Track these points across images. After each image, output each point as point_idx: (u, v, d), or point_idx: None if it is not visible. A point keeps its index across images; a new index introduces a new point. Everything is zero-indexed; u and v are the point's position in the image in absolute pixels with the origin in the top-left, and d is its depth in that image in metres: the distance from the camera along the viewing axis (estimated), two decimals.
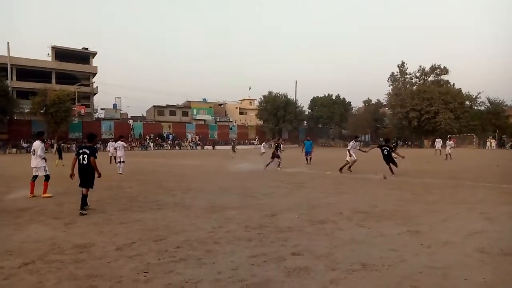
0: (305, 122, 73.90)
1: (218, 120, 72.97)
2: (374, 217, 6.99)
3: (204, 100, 74.47)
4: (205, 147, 60.35)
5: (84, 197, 7.76)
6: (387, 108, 69.19)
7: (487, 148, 50.47)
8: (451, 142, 27.89)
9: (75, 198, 8.96)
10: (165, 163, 24.94)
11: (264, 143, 28.87)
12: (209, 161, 26.97)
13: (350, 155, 16.13)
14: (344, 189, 11.07)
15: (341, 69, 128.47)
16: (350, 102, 73.32)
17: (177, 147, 58.11)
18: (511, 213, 7.23)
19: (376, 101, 73.77)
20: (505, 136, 54.73)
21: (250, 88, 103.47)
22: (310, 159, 22.41)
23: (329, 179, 14.01)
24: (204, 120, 70.71)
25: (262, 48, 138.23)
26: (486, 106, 60.68)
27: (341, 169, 16.12)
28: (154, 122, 65.17)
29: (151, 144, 56.66)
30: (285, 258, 4.59)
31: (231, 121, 74.10)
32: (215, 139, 65.98)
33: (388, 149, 14.53)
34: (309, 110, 73.39)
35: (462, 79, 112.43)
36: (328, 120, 70.41)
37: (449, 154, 25.62)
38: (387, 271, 4.07)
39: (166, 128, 63.17)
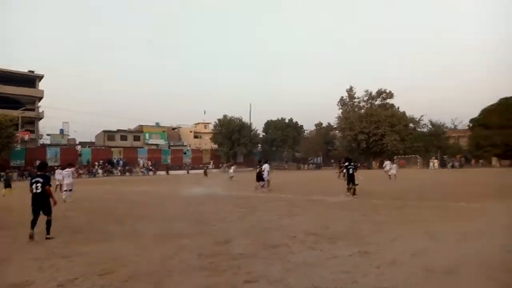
0: (259, 145, 74.60)
1: (171, 144, 71.74)
2: (326, 238, 7.09)
3: (157, 124, 73.14)
4: (158, 172, 58.81)
5: (48, 222, 7.88)
6: (337, 131, 71.59)
7: (430, 168, 53.42)
8: (394, 164, 30.01)
9: (9, 232, 8.32)
10: (114, 190, 23.97)
11: (233, 167, 28.24)
12: (162, 186, 26.29)
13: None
14: (298, 211, 11.18)
15: (294, 93, 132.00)
16: (303, 126, 75.30)
17: (128, 173, 56.11)
18: (452, 230, 7.61)
19: (327, 124, 76.28)
20: (446, 156, 58.35)
21: (205, 112, 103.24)
22: (268, 181, 22.56)
23: (283, 201, 14.10)
24: (157, 145, 69.21)
25: (217, 71, 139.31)
26: (428, 128, 64.51)
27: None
28: (103, 147, 62.76)
29: (100, 171, 54.33)
30: (237, 286, 4.50)
31: (185, 145, 73.13)
32: (169, 164, 64.60)
33: (353, 167, 14.70)
34: (264, 133, 74.34)
35: (405, 102, 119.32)
36: (281, 143, 71.59)
37: (394, 175, 27.03)
38: None
39: (116, 153, 60.96)
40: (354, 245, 6.47)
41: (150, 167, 60.09)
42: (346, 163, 15.17)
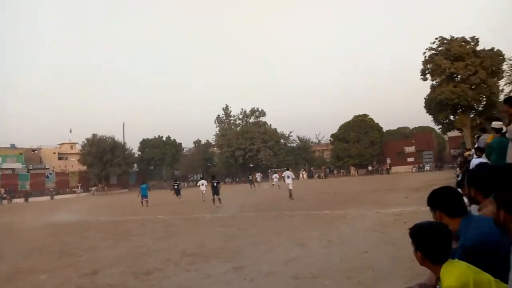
0: (135, 165, 71.09)
1: (31, 168, 63.33)
2: (202, 258, 6.96)
3: (13, 145, 63.92)
4: (14, 200, 51.13)
5: None
6: (215, 148, 72.74)
7: (300, 179, 57.93)
8: (277, 175, 32.55)
9: None
10: None
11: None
12: (18, 216, 22.81)
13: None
14: (174, 232, 10.83)
15: (169, 110, 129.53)
16: (181, 143, 74.53)
17: None
18: (318, 237, 8.23)
19: (206, 141, 76.90)
20: (312, 168, 64.15)
21: (71, 130, 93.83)
22: (147, 202, 22.84)
23: (160, 223, 13.53)
24: (13, 169, 60.39)
25: (83, 88, 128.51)
26: (297, 143, 70.17)
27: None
28: None
29: None
30: None
31: (48, 168, 65.35)
32: (28, 190, 56.81)
33: (217, 182, 19.05)
34: (139, 153, 71.19)
35: (278, 119, 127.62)
36: (159, 161, 69.56)
37: (278, 185, 29.51)
38: None
39: None
40: (229, 261, 6.48)
41: (4, 195, 51.94)
42: (212, 179, 19.74)
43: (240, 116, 72.23)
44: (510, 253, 1.57)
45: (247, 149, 62.76)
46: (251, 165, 63.22)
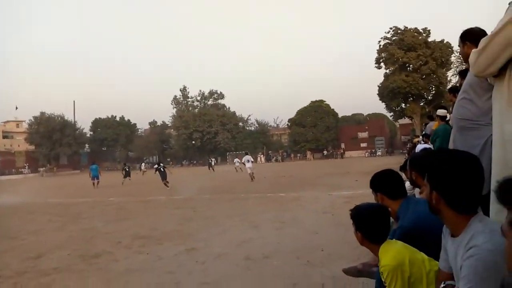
0: (87, 145, 68.37)
1: None
2: (154, 240, 6.86)
3: None
4: None
5: None
6: (172, 130, 71.44)
7: (258, 162, 58.47)
8: (238, 159, 33.23)
9: None
10: None
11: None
12: None
13: None
14: (126, 215, 10.57)
15: (124, 89, 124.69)
16: (136, 124, 72.45)
17: None
18: (272, 218, 8.37)
19: (162, 123, 75.24)
20: (270, 151, 64.87)
21: (16, 108, 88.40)
22: (98, 183, 22.51)
23: (111, 205, 13.16)
24: None
25: (29, 63, 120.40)
26: (255, 127, 70.45)
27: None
28: None
29: None
30: None
31: None
32: None
33: (163, 166, 19.28)
34: (91, 132, 68.46)
35: (235, 102, 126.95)
36: (113, 142, 67.37)
37: (240, 168, 30.30)
38: None
39: None
40: (181, 243, 6.43)
41: None
42: (157, 165, 20.03)
43: (198, 98, 71.26)
44: (442, 233, 1.66)
45: (205, 132, 62.21)
46: (209, 148, 62.85)
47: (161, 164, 19.67)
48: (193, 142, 62.36)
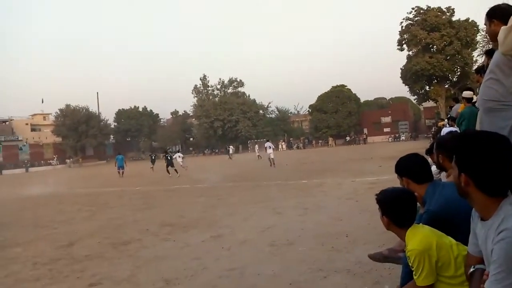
0: (112, 136, 69.82)
1: (3, 139, 61.30)
2: (180, 228, 7.02)
3: None
4: None
5: None
6: (194, 119, 71.98)
7: (279, 150, 58.44)
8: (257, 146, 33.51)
9: None
10: None
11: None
12: None
13: None
14: (153, 203, 10.83)
15: (145, 80, 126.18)
16: (158, 114, 73.36)
17: None
18: (295, 205, 8.40)
19: (183, 112, 75.86)
20: (292, 139, 64.63)
21: (42, 100, 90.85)
22: (123, 172, 23.31)
23: (138, 194, 13.49)
24: None
25: (54, 56, 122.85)
26: (275, 114, 70.16)
27: None
28: None
29: None
30: None
31: (21, 140, 63.45)
32: (0, 162, 55.29)
33: (170, 156, 21.10)
34: (116, 123, 69.82)
35: (255, 90, 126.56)
36: (137, 133, 68.54)
37: (260, 156, 30.23)
38: (189, 282, 4.09)
39: None
40: (207, 230, 6.56)
41: None
42: (166, 154, 21.98)
43: (218, 86, 71.22)
44: (471, 217, 1.64)
45: (225, 120, 62.37)
46: (230, 136, 63.12)
47: (168, 154, 21.77)
48: (215, 130, 62.72)
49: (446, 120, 12.08)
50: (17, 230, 8.20)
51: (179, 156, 23.56)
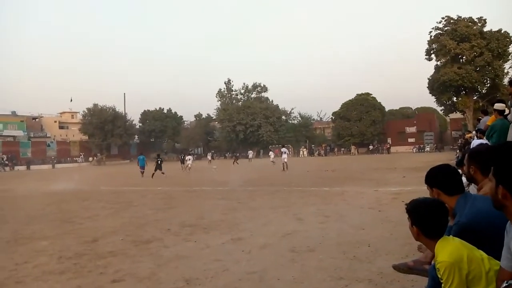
0: (136, 136, 71.19)
1: (32, 136, 63.43)
2: (201, 229, 7.08)
3: (14, 113, 63.79)
4: (16, 167, 51.46)
5: None
6: (216, 122, 72.61)
7: (300, 156, 58.15)
8: (272, 152, 33.23)
9: None
10: None
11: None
12: (19, 184, 23.05)
13: None
14: (174, 204, 10.96)
15: (171, 83, 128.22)
16: (182, 116, 74.36)
17: None
18: (315, 212, 8.34)
19: (207, 115, 76.62)
20: (313, 145, 64.28)
21: (71, 99, 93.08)
22: (143, 173, 23.69)
23: (160, 194, 13.69)
24: (14, 137, 60.54)
25: (83, 56, 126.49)
26: (298, 120, 70.00)
27: None
28: None
29: None
30: (103, 287, 4.17)
31: (49, 137, 65.47)
32: (29, 157, 57.15)
33: (160, 160, 23.20)
34: (140, 124, 71.18)
35: (278, 95, 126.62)
36: (160, 134, 69.66)
37: (273, 161, 30.97)
38: (210, 283, 4.11)
39: None
40: (227, 233, 6.59)
41: (6, 162, 52.28)
42: (157, 157, 23.54)
43: (242, 91, 71.80)
44: (504, 231, 1.60)
45: (248, 125, 62.63)
46: (252, 141, 63.26)
47: (160, 158, 23.70)
48: (237, 134, 63.03)
49: (474, 132, 11.75)
50: (45, 224, 8.44)
51: (189, 159, 27.19)
